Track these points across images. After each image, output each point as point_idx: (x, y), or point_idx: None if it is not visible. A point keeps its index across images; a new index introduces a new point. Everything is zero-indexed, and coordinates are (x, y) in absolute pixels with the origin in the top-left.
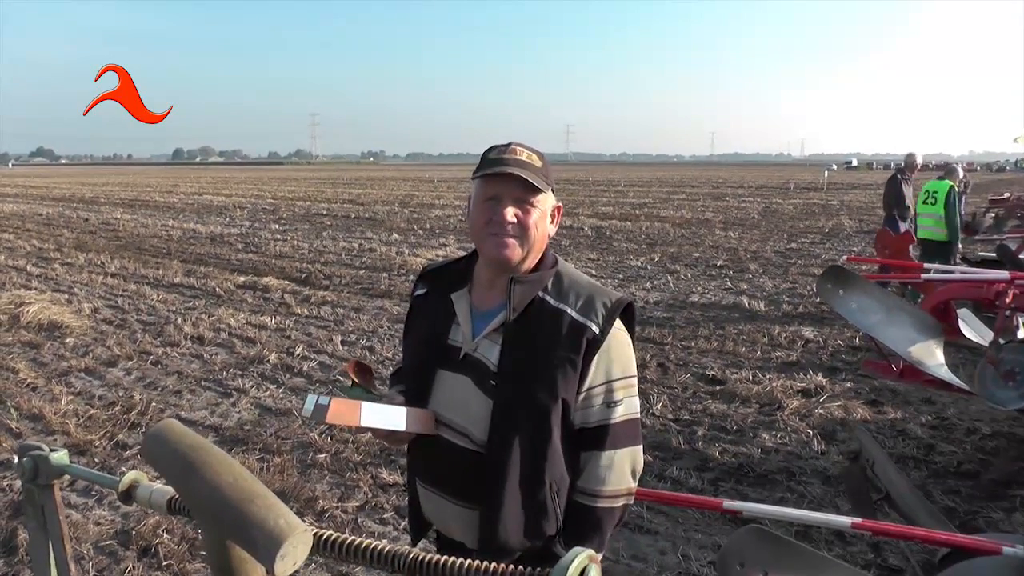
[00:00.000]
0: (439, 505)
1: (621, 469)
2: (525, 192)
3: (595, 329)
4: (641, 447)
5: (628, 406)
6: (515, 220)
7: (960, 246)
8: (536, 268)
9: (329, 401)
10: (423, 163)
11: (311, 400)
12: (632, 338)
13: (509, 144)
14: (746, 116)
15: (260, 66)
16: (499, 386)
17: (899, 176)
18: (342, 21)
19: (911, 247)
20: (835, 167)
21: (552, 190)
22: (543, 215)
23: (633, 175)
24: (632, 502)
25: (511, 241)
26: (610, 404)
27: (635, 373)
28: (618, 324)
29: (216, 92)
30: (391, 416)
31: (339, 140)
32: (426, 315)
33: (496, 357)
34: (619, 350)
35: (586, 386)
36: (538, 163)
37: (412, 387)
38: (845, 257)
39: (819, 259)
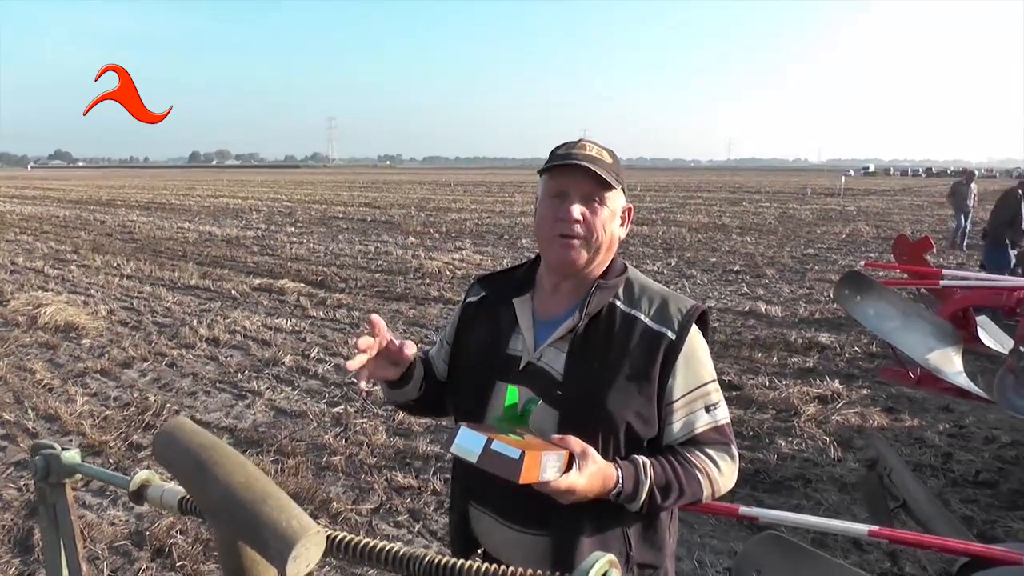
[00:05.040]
0: (490, 527)
1: (712, 465)
2: (594, 188)
3: (671, 336)
4: (735, 453)
5: (714, 414)
6: (581, 218)
7: None
8: (606, 274)
9: (521, 456)
10: (440, 167)
11: (491, 444)
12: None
13: (579, 140)
14: (763, 121)
15: (277, 70)
16: (565, 395)
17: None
18: (359, 24)
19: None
20: (852, 173)
21: (624, 189)
22: (612, 215)
23: (650, 180)
24: (706, 498)
25: (575, 242)
26: (693, 414)
27: (715, 378)
28: (695, 329)
29: (233, 95)
30: (556, 464)
31: (356, 143)
32: (483, 323)
33: (562, 366)
34: (698, 356)
35: (667, 398)
36: (608, 159)
37: (469, 399)
38: (862, 263)
39: (836, 265)
